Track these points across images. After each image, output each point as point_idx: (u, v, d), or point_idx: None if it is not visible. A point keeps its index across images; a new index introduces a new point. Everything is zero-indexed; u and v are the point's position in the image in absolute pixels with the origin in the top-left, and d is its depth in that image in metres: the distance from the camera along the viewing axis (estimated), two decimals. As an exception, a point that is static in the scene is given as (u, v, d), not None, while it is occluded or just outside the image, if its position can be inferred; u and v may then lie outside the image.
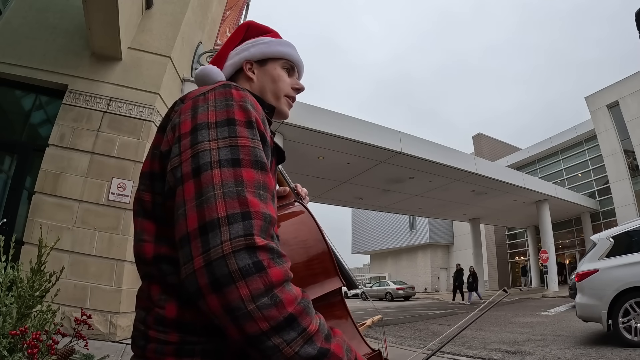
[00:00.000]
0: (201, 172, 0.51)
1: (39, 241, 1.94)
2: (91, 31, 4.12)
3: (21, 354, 1.64)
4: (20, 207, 4.13)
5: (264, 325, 0.46)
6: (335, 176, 11.88)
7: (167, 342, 0.56)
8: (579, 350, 3.99)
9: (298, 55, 0.85)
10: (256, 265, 0.47)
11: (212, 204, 0.49)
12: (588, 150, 20.44)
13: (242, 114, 0.58)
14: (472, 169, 11.94)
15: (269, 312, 0.46)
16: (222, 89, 0.61)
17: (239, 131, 0.55)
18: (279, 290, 0.48)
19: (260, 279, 0.47)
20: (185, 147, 0.55)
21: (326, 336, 0.52)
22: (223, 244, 0.47)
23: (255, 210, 0.50)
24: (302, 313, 0.49)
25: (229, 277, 0.46)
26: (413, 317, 9.63)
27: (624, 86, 17.65)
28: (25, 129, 4.60)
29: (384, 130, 10.02)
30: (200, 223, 0.48)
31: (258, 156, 0.55)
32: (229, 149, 0.53)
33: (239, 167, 0.52)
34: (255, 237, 0.48)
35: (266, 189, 0.54)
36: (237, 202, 0.49)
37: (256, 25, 0.89)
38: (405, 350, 4.74)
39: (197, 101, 0.60)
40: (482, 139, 27.33)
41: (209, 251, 0.47)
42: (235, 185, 0.50)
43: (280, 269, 0.49)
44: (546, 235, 16.08)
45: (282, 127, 8.35)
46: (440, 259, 30.57)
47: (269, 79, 0.80)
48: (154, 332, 0.57)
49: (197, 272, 0.47)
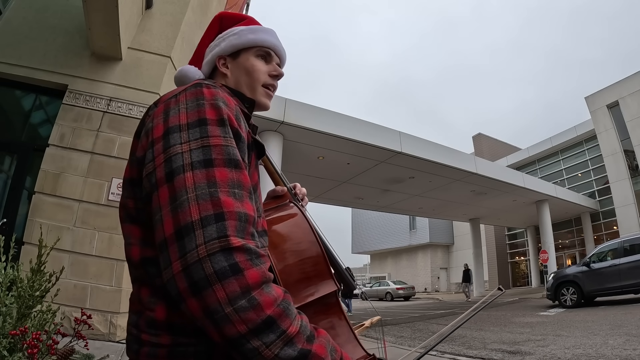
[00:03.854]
0: (174, 177, 0.51)
1: (39, 241, 1.94)
2: (91, 31, 4.11)
3: (21, 354, 1.64)
4: (20, 207, 4.13)
5: (242, 328, 0.46)
6: (335, 176, 11.88)
7: (159, 345, 0.56)
8: (579, 350, 3.99)
9: (274, 39, 0.80)
10: (232, 267, 0.47)
11: (185, 208, 0.49)
12: (588, 150, 20.44)
13: (214, 113, 0.57)
14: (472, 169, 11.94)
15: (246, 314, 0.46)
16: (193, 89, 0.60)
17: (211, 131, 0.55)
18: (256, 292, 0.47)
19: (237, 282, 0.46)
20: (158, 152, 0.55)
21: (308, 337, 0.51)
22: (198, 247, 0.47)
23: (229, 210, 0.50)
24: (282, 315, 0.49)
25: (205, 280, 0.46)
26: (413, 317, 9.63)
27: (624, 86, 17.65)
28: (25, 129, 4.60)
29: (384, 130, 10.02)
30: (176, 228, 0.48)
31: (231, 154, 0.54)
32: (200, 150, 0.53)
33: (212, 168, 0.52)
34: (230, 238, 0.48)
35: (241, 186, 0.53)
36: (210, 203, 0.49)
37: (229, 16, 0.85)
38: (405, 350, 4.75)
39: (168, 104, 0.59)
40: (482, 139, 27.33)
41: (185, 256, 0.47)
42: (208, 187, 0.50)
43: (257, 271, 0.48)
44: (546, 235, 16.09)
45: (282, 127, 8.35)
46: (440, 259, 30.57)
47: (242, 72, 0.77)
48: (147, 335, 0.57)
49: (176, 276, 0.47)
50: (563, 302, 8.93)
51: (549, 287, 9.66)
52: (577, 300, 8.66)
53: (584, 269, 8.78)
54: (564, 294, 8.99)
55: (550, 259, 15.37)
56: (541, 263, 16.10)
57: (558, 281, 9.26)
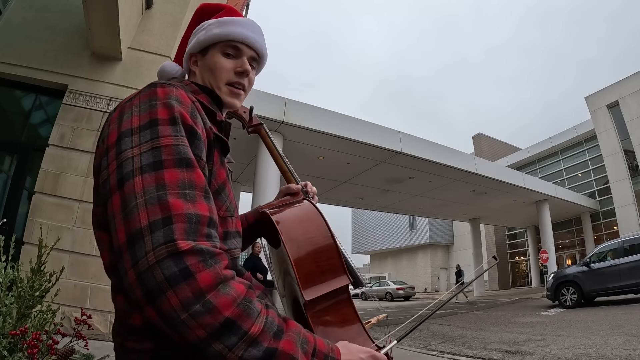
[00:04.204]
0: (124, 182, 0.50)
1: (39, 241, 1.94)
2: (91, 31, 4.11)
3: (21, 354, 1.64)
4: (20, 207, 4.13)
5: (200, 332, 0.45)
6: (335, 176, 11.87)
7: (143, 352, 0.55)
8: (579, 350, 3.99)
9: (245, 30, 0.75)
10: (182, 272, 0.45)
11: (135, 214, 0.48)
12: (588, 150, 20.43)
13: (165, 112, 0.56)
14: (472, 169, 11.93)
15: (202, 319, 0.45)
16: (147, 90, 0.60)
17: (161, 131, 0.54)
18: (211, 295, 0.46)
19: (188, 287, 0.45)
20: (111, 158, 0.54)
21: (275, 334, 0.50)
22: (147, 254, 0.46)
23: (178, 213, 0.48)
24: (242, 315, 0.47)
25: (157, 287, 0.45)
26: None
27: (624, 86, 17.65)
28: (25, 129, 4.59)
29: (384, 130, 10.01)
30: (127, 235, 0.48)
31: (182, 153, 0.53)
32: (150, 152, 0.52)
33: (161, 170, 0.51)
34: (179, 242, 0.46)
35: (193, 186, 0.52)
36: (159, 207, 0.48)
37: (208, 8, 0.82)
38: (405, 350, 4.74)
39: (123, 108, 0.59)
40: (482, 139, 27.33)
41: (137, 264, 0.46)
42: (156, 190, 0.49)
43: (210, 273, 0.47)
44: (546, 235, 16.08)
45: (282, 127, 8.35)
46: (440, 259, 30.57)
47: (207, 70, 0.74)
48: (130, 342, 0.57)
49: (131, 285, 0.47)
50: (563, 302, 8.94)
51: (549, 287, 9.68)
52: (577, 300, 8.68)
53: (584, 269, 8.79)
54: (564, 294, 9.01)
55: (550, 259, 15.37)
56: (541, 263, 16.10)
57: (558, 281, 9.28)
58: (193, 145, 0.56)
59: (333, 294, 0.71)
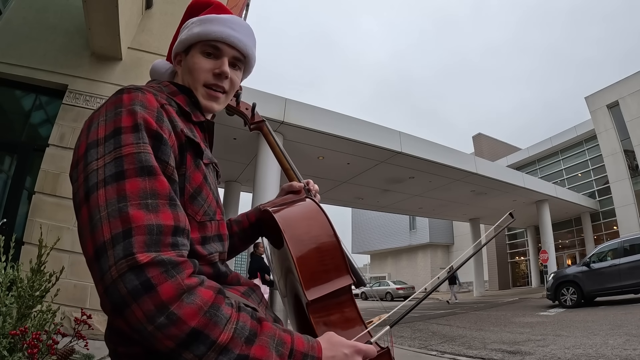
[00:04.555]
0: (90, 195, 0.50)
1: (39, 241, 1.94)
2: (91, 31, 4.11)
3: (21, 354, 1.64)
4: (20, 207, 4.13)
5: (169, 343, 0.45)
6: (335, 176, 11.87)
7: (134, 356, 0.56)
8: (579, 350, 3.99)
9: (227, 29, 0.71)
10: (144, 285, 0.45)
11: (99, 228, 0.48)
12: (588, 150, 20.44)
13: (129, 119, 0.55)
14: (472, 169, 11.94)
15: (168, 331, 0.45)
16: (114, 97, 0.59)
17: (123, 139, 0.53)
18: (175, 306, 0.45)
19: (150, 300, 0.45)
20: (80, 171, 0.54)
21: (247, 339, 0.49)
22: (110, 269, 0.46)
23: (137, 225, 0.48)
24: (209, 324, 0.47)
25: (122, 301, 0.45)
26: (413, 317, 9.63)
27: (624, 86, 17.65)
28: (25, 129, 4.59)
29: (384, 130, 10.01)
30: (94, 249, 0.48)
31: (143, 161, 0.52)
32: (113, 162, 0.51)
33: (123, 180, 0.50)
34: (137, 255, 0.46)
35: (155, 195, 0.51)
36: (119, 220, 0.48)
37: (197, 4, 0.79)
38: (405, 351, 4.74)
39: (92, 118, 0.58)
40: (482, 139, 27.32)
41: (103, 278, 0.46)
42: (117, 202, 0.49)
43: (171, 284, 0.46)
44: (546, 235, 16.08)
45: (282, 127, 8.35)
46: (440, 259, 30.55)
47: (187, 71, 0.72)
48: (121, 347, 0.57)
49: (101, 298, 0.47)
50: (563, 302, 8.95)
51: (549, 287, 9.69)
52: (577, 300, 8.69)
53: (584, 269, 8.80)
54: (564, 294, 9.02)
55: (550, 259, 15.37)
56: (541, 263, 16.10)
57: (558, 281, 9.29)
58: (159, 151, 0.55)
59: (336, 294, 0.71)
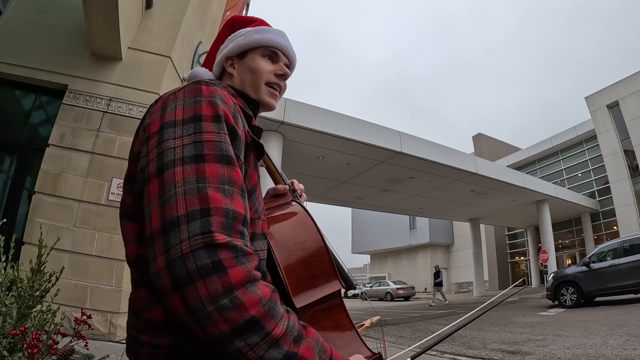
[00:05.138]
0: (164, 171, 0.51)
1: (39, 241, 1.94)
2: (91, 31, 4.11)
3: (21, 354, 1.64)
4: (20, 207, 4.13)
5: (224, 327, 0.45)
6: (335, 176, 11.87)
7: (159, 347, 0.55)
8: (579, 350, 3.99)
9: (282, 39, 0.80)
10: (215, 265, 0.45)
11: (172, 202, 0.48)
12: (588, 150, 20.44)
13: (210, 109, 0.57)
14: (472, 169, 11.94)
15: (228, 314, 0.45)
16: (192, 87, 0.61)
17: (205, 127, 0.55)
18: (240, 291, 0.46)
19: (219, 280, 0.45)
20: (152, 146, 0.55)
21: (295, 338, 0.50)
22: (182, 243, 0.46)
23: (216, 206, 0.49)
24: (267, 316, 0.47)
25: (187, 277, 0.45)
26: (413, 317, 9.63)
27: (624, 86, 17.65)
28: (25, 129, 4.59)
29: (384, 130, 10.02)
30: (162, 222, 0.48)
31: (224, 150, 0.54)
32: (192, 145, 0.52)
33: (202, 163, 0.51)
34: (215, 234, 0.47)
35: (232, 183, 0.52)
36: (198, 198, 0.48)
37: (240, 19, 0.86)
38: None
39: (166, 100, 0.60)
40: (482, 139, 27.33)
41: (169, 251, 0.46)
42: (196, 182, 0.49)
43: (241, 269, 0.47)
44: (546, 235, 16.08)
45: (282, 127, 8.35)
46: (440, 259, 30.54)
47: (246, 71, 0.77)
48: (146, 336, 0.57)
49: (160, 272, 0.46)
50: (563, 302, 8.97)
51: (548, 287, 9.71)
52: (577, 300, 8.70)
53: (583, 269, 8.80)
54: (563, 294, 9.03)
55: (550, 259, 15.38)
56: (541, 263, 16.10)
57: (558, 281, 9.30)
58: (233, 145, 0.57)
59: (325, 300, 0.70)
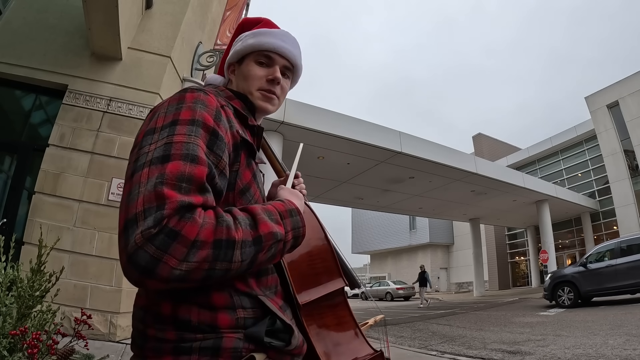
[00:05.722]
0: (134, 174, 0.54)
1: (39, 241, 1.94)
2: (91, 31, 4.11)
3: (21, 354, 1.64)
4: (20, 207, 4.13)
5: (205, 265, 0.50)
6: (335, 176, 11.88)
7: (165, 340, 0.57)
8: (579, 350, 3.99)
9: (277, 41, 0.80)
10: (170, 234, 0.48)
11: (134, 201, 0.51)
12: (588, 150, 20.43)
13: (188, 114, 0.59)
14: (472, 169, 11.93)
15: (198, 256, 0.49)
16: (178, 95, 0.64)
17: (178, 129, 0.57)
18: (196, 237, 0.50)
19: (180, 244, 0.48)
20: (134, 154, 0.58)
21: (251, 225, 0.56)
22: (136, 236, 0.48)
23: (171, 200, 0.50)
24: (224, 233, 0.52)
25: (152, 259, 0.48)
26: (413, 317, 9.63)
27: (624, 86, 17.65)
28: (25, 129, 4.59)
29: (384, 130, 10.02)
30: (125, 221, 0.51)
31: (190, 149, 0.55)
32: (163, 147, 0.55)
33: (167, 162, 0.53)
34: (166, 219, 0.49)
35: (191, 181, 0.53)
36: (154, 195, 0.50)
37: (249, 21, 0.88)
38: (405, 350, 4.75)
39: (155, 110, 0.64)
40: (482, 139, 27.32)
41: (127, 246, 0.49)
42: (155, 179, 0.52)
43: (190, 224, 0.50)
44: (546, 235, 16.08)
45: (282, 127, 8.35)
46: (440, 259, 30.56)
47: (241, 78, 0.80)
48: (152, 330, 0.58)
49: (125, 268, 0.50)
50: (560, 303, 9.01)
51: (546, 287, 9.76)
52: (574, 300, 8.72)
53: (580, 269, 8.82)
54: (560, 294, 9.07)
55: (550, 259, 15.37)
56: (541, 263, 16.10)
57: (555, 281, 9.35)
58: (214, 145, 0.59)
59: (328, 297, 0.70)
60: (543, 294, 10.05)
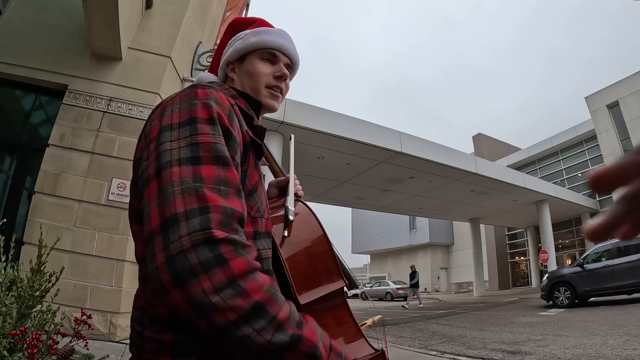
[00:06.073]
0: (162, 171, 0.52)
1: (39, 241, 1.94)
2: (91, 31, 4.11)
3: (21, 354, 1.64)
4: (20, 207, 4.13)
5: (231, 315, 0.46)
6: (335, 176, 11.87)
7: (162, 342, 0.56)
8: (579, 350, 3.99)
9: (280, 39, 0.80)
10: (217, 258, 0.47)
11: (171, 200, 0.49)
12: (588, 150, 20.43)
13: (205, 112, 0.58)
14: (472, 169, 11.93)
15: (234, 302, 0.46)
16: (188, 91, 0.62)
17: (200, 128, 0.56)
18: (242, 280, 0.47)
19: (222, 272, 0.46)
20: (151, 150, 0.56)
21: (297, 323, 0.52)
22: (182, 238, 0.46)
23: (214, 204, 0.50)
24: (270, 300, 0.49)
25: (190, 271, 0.45)
26: (413, 317, 9.63)
27: (624, 86, 17.66)
28: (25, 129, 4.59)
29: (384, 130, 10.01)
30: (162, 219, 0.49)
31: (219, 151, 0.55)
32: (189, 147, 0.54)
33: (199, 165, 0.52)
34: (214, 230, 0.48)
35: (227, 184, 0.53)
36: (195, 197, 0.49)
37: (241, 21, 0.87)
38: (405, 350, 4.75)
39: (165, 106, 0.62)
40: (482, 139, 27.32)
41: (168, 247, 0.47)
42: (193, 182, 0.51)
43: (242, 260, 0.48)
44: (546, 235, 16.07)
45: (282, 127, 8.35)
46: (440, 259, 30.56)
47: (246, 76, 0.79)
48: (150, 332, 0.58)
49: (159, 268, 0.47)
50: (557, 303, 9.03)
51: (543, 287, 9.80)
52: (571, 300, 8.75)
53: (577, 270, 8.84)
54: (557, 295, 9.10)
55: (550, 259, 15.36)
56: (541, 263, 16.10)
57: (552, 281, 9.39)
58: (228, 146, 0.58)
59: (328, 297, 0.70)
60: (540, 294, 10.07)
